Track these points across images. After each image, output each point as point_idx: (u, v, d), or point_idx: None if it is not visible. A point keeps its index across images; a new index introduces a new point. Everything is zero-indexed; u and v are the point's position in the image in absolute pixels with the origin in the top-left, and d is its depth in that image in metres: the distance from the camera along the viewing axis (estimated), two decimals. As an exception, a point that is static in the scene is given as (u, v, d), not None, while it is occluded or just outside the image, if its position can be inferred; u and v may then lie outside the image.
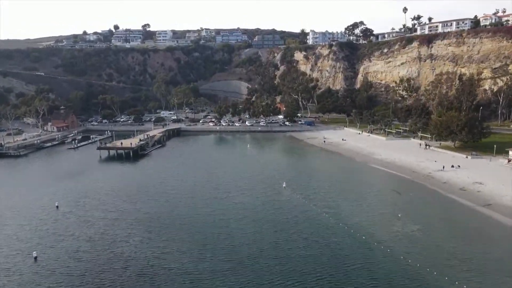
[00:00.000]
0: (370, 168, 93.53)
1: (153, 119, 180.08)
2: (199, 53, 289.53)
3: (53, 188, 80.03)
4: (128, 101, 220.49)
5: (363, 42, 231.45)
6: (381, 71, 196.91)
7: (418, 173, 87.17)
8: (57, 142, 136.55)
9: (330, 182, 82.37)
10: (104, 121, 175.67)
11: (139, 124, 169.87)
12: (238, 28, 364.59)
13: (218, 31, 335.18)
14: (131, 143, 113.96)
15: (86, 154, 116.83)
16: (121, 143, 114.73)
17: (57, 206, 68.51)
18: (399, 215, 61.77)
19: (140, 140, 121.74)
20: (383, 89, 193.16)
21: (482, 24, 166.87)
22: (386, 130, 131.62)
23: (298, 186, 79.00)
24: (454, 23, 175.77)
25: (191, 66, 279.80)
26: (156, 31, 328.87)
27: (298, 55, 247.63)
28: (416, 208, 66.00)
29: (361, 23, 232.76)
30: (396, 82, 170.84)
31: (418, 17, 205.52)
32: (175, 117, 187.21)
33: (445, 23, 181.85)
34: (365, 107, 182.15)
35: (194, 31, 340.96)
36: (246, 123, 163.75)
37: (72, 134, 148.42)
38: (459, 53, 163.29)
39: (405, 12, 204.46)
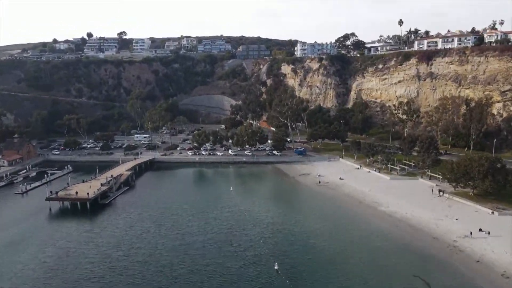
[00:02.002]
0: (378, 231, 75.93)
1: (124, 145, 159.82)
2: (179, 64, 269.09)
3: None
4: (98, 121, 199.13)
5: (355, 54, 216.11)
6: (376, 88, 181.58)
7: (440, 240, 70.42)
8: (3, 183, 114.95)
9: (332, 262, 64.53)
10: (68, 148, 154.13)
11: (107, 153, 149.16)
12: (222, 36, 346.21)
13: (200, 40, 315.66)
14: (88, 193, 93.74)
15: (34, 204, 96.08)
16: (76, 193, 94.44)
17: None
18: None
19: (102, 185, 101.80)
20: (378, 108, 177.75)
21: (486, 40, 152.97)
22: (389, 165, 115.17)
23: (293, 270, 61.03)
24: (456, 38, 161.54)
25: (170, 78, 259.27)
26: (133, 40, 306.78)
27: (286, 68, 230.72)
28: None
29: (353, 34, 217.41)
30: (394, 105, 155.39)
31: (416, 31, 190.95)
32: (150, 141, 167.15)
33: (445, 39, 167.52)
34: (360, 129, 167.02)
35: (174, 39, 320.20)
36: (230, 151, 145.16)
37: (24, 171, 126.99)
38: (463, 72, 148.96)
39: (400, 25, 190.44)
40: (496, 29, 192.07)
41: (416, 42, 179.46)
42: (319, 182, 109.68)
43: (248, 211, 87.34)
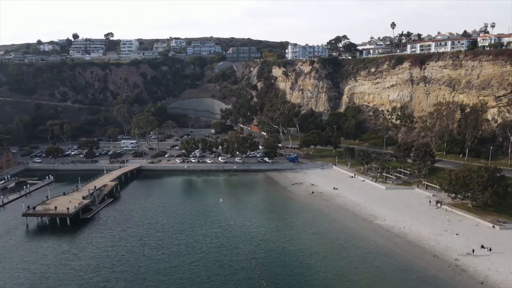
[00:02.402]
0: (376, 249, 71.75)
1: (110, 152, 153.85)
2: (168, 66, 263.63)
3: None
4: (83, 126, 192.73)
5: (347, 57, 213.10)
6: (369, 92, 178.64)
7: (441, 259, 66.78)
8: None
9: (330, 285, 60.30)
10: (50, 156, 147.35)
11: (91, 161, 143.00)
12: (211, 37, 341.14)
13: (189, 41, 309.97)
14: (68, 208, 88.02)
15: (10, 220, 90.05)
16: (55, 207, 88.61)
17: None
18: None
19: (84, 198, 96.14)
20: (371, 113, 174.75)
21: (480, 44, 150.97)
22: (384, 173, 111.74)
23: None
24: (449, 42, 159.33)
25: (159, 81, 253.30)
26: (120, 41, 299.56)
27: (277, 71, 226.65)
28: None
29: (344, 37, 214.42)
30: (388, 110, 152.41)
31: (408, 34, 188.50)
32: (137, 148, 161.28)
33: (438, 42, 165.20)
34: (353, 135, 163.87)
35: (163, 41, 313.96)
36: (220, 159, 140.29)
37: (2, 181, 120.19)
38: (456, 77, 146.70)
39: (393, 28, 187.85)
40: (488, 32, 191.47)
41: (408, 46, 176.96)
42: (312, 192, 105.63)
43: (238, 226, 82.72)
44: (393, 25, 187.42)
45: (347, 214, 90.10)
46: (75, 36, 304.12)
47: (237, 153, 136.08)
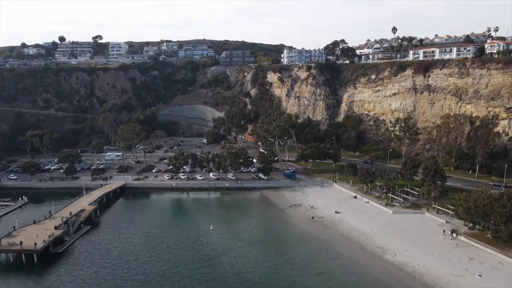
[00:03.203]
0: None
1: (93, 167, 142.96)
2: (158, 71, 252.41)
3: None
4: (67, 136, 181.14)
5: (345, 62, 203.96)
6: (369, 100, 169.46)
7: (466, 310, 57.26)
8: None
9: None
10: (26, 173, 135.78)
11: (72, 178, 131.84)
12: (204, 40, 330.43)
13: (180, 44, 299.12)
14: (36, 242, 77.16)
15: (-30, 256, 78.85)
16: (21, 242, 77.69)
17: None
18: None
19: (56, 228, 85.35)
20: (372, 122, 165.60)
21: (488, 51, 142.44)
22: (390, 195, 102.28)
23: None
24: (455, 48, 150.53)
25: (149, 87, 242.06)
26: (109, 44, 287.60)
27: (272, 77, 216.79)
28: None
29: (342, 41, 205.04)
30: (391, 121, 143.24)
31: (410, 39, 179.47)
32: (122, 161, 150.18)
33: (443, 48, 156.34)
34: (354, 146, 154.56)
35: (153, 44, 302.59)
36: (211, 175, 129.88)
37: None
38: (463, 86, 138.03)
39: (394, 32, 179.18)
40: (492, 36, 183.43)
41: (411, 51, 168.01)
42: (313, 217, 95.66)
43: (231, 265, 72.50)
44: (394, 29, 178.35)
45: (352, 245, 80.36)
46: (62, 38, 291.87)
47: (230, 169, 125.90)
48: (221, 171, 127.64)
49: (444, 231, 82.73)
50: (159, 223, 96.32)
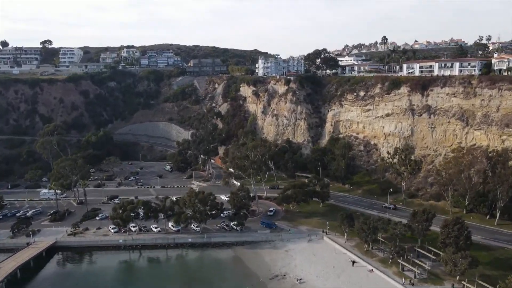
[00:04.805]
0: None
1: (20, 213, 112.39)
2: (116, 82, 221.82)
3: None
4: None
5: (327, 73, 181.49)
6: (358, 121, 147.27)
7: None
8: None
9: None
10: None
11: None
12: (171, 45, 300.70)
13: (144, 51, 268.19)
14: None
15: None
16: None
17: None
18: None
19: None
20: (362, 147, 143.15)
21: (495, 68, 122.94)
22: (401, 261, 78.96)
23: None
24: (457, 64, 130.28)
25: (105, 101, 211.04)
26: (60, 49, 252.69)
27: (246, 90, 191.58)
28: None
29: (324, 50, 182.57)
30: (389, 153, 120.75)
31: (405, 51, 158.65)
32: (60, 205, 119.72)
33: (443, 63, 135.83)
34: (343, 178, 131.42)
35: (112, 50, 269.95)
36: (170, 225, 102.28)
37: None
38: (469, 108, 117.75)
39: (384, 43, 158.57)
40: (488, 47, 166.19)
41: (404, 65, 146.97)
42: (302, 304, 70.71)
43: None
44: (384, 39, 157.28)
45: None
46: (4, 43, 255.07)
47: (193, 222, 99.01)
48: (181, 225, 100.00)
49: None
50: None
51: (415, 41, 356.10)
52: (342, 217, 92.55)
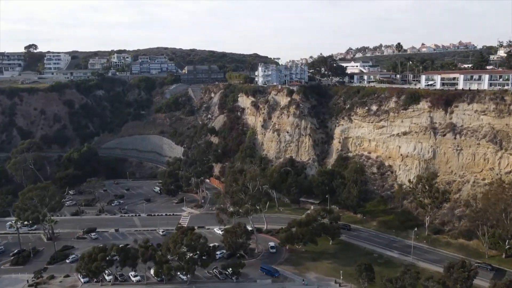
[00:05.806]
0: None
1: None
2: (104, 90, 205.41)
3: None
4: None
5: (333, 82, 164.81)
6: (369, 138, 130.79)
7: None
8: None
9: None
10: None
11: None
12: (166, 48, 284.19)
13: (136, 55, 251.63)
14: None
15: None
16: None
17: None
18: None
19: None
20: (375, 169, 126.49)
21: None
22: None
23: None
24: (486, 76, 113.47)
25: (91, 111, 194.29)
26: (46, 54, 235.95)
27: (244, 101, 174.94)
28: None
29: (330, 57, 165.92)
30: (410, 181, 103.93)
31: (423, 61, 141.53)
32: (27, 241, 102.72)
33: (469, 75, 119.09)
34: (354, 207, 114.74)
35: (102, 55, 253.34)
36: (151, 273, 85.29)
37: None
38: (503, 128, 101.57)
39: (399, 50, 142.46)
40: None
41: (423, 76, 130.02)
42: None
43: None
44: (399, 46, 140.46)
45: None
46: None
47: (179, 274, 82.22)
48: (163, 277, 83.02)
49: None
50: None
51: (422, 44, 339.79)
52: (360, 269, 75.75)
